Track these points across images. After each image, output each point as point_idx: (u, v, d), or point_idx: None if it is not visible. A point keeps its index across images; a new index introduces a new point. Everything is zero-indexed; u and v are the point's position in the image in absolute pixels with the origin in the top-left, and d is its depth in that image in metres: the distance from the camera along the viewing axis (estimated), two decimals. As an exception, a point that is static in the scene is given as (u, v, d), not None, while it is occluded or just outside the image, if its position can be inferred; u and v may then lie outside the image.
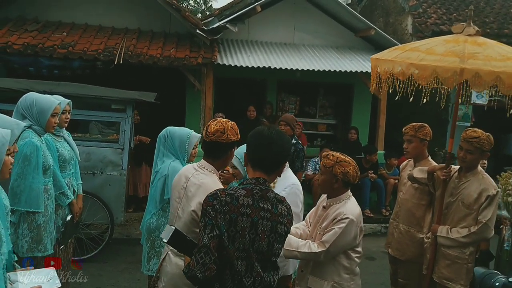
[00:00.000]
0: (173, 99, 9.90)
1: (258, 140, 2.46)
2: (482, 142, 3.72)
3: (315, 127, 11.20)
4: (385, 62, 3.48)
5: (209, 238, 2.22)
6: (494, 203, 3.71)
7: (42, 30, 8.62)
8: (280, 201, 2.42)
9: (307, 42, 10.44)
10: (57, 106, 4.26)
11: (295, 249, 3.20)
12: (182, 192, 3.03)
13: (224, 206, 2.26)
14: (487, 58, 3.17)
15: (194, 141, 4.02)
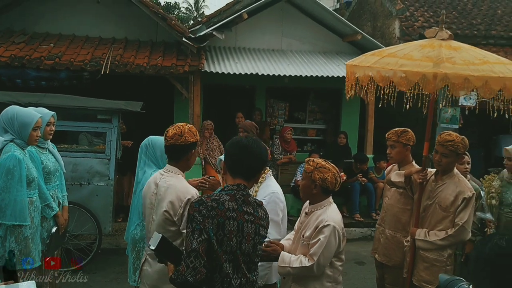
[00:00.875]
0: (162, 108, 9.92)
1: (236, 149, 2.59)
2: (457, 145, 3.75)
3: (305, 133, 11.22)
4: (363, 69, 3.50)
5: (198, 243, 2.29)
6: (470, 205, 3.75)
7: (29, 42, 8.62)
8: (259, 205, 2.56)
9: (294, 48, 10.49)
10: (39, 119, 4.27)
11: (287, 265, 3.22)
12: (153, 198, 3.20)
13: (211, 211, 2.34)
14: (466, 63, 3.21)
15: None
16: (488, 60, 3.31)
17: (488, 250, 1.27)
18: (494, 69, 3.19)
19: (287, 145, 9.57)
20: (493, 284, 1.24)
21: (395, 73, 3.23)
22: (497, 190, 4.88)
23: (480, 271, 1.29)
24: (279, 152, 9.45)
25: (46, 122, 4.60)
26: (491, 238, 1.31)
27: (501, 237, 1.28)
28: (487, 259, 1.27)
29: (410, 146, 4.34)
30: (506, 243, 1.26)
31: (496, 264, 1.24)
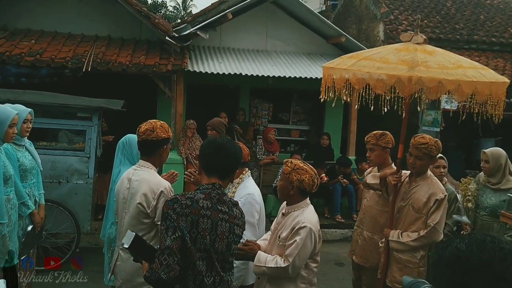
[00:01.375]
0: (145, 106, 9.86)
1: (211, 149, 2.63)
2: (430, 148, 3.79)
3: (288, 133, 11.25)
4: (340, 71, 3.52)
5: (172, 240, 2.32)
6: (442, 206, 3.79)
7: (10, 38, 8.51)
8: (234, 204, 2.60)
9: (279, 49, 10.50)
10: (15, 116, 4.22)
11: (263, 265, 3.22)
12: (126, 192, 3.26)
13: (185, 208, 2.37)
14: (440, 67, 3.25)
15: None
16: (461, 64, 3.36)
17: (448, 254, 1.27)
18: (467, 73, 3.24)
19: (270, 145, 9.58)
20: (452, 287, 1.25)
21: (371, 76, 3.25)
22: (473, 193, 4.93)
23: (441, 274, 1.28)
24: (262, 153, 9.45)
25: (23, 119, 4.54)
26: (452, 242, 1.30)
27: (461, 241, 1.28)
28: (448, 262, 1.27)
29: (389, 148, 4.36)
30: (465, 247, 1.25)
31: (456, 268, 1.24)
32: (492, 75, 3.45)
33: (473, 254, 1.21)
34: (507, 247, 1.23)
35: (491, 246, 1.22)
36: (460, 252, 1.24)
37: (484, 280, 1.17)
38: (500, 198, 4.76)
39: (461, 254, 1.23)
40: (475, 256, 1.21)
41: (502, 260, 1.18)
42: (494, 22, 12.31)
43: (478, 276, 1.18)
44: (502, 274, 1.16)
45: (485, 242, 1.24)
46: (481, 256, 1.20)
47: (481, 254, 1.20)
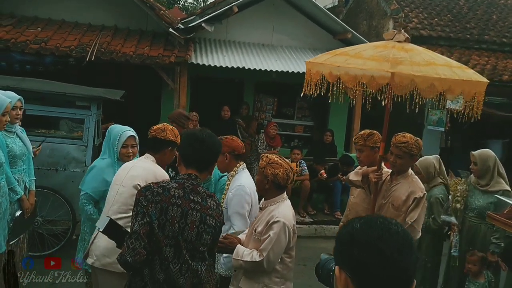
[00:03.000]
0: (150, 97, 9.95)
1: (190, 141, 2.68)
2: (410, 146, 3.78)
3: (292, 129, 11.24)
4: (316, 65, 3.54)
5: (140, 225, 2.40)
6: (420, 205, 3.77)
7: (16, 25, 8.62)
8: (209, 195, 2.62)
9: (285, 44, 10.47)
10: (8, 104, 4.28)
11: (240, 258, 3.26)
12: (124, 174, 3.45)
13: (156, 196, 2.45)
14: (411, 63, 3.23)
15: (122, 140, 4.04)
16: (434, 62, 3.33)
17: (345, 232, 1.39)
18: (437, 71, 3.22)
19: (271, 140, 9.59)
20: (347, 263, 1.36)
21: (342, 70, 3.26)
22: (463, 194, 4.90)
23: (338, 251, 1.40)
24: (263, 147, 9.46)
25: (12, 106, 4.59)
26: (350, 222, 1.41)
27: (358, 221, 1.39)
28: (343, 240, 1.37)
29: (378, 148, 4.34)
30: (359, 226, 1.36)
31: (349, 245, 1.35)
32: (467, 74, 3.41)
33: (363, 233, 1.34)
34: (394, 228, 1.35)
35: (380, 226, 1.34)
36: (354, 231, 1.36)
37: (369, 255, 1.30)
38: (488, 200, 4.74)
39: (354, 232, 1.35)
40: (365, 235, 1.33)
41: (387, 240, 1.31)
42: (507, 22, 12.12)
43: (364, 252, 1.30)
44: (385, 251, 1.29)
45: (376, 223, 1.36)
46: (370, 234, 1.32)
47: (370, 233, 1.33)
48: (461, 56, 10.61)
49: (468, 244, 4.86)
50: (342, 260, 1.39)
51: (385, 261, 1.29)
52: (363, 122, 9.95)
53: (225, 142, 3.94)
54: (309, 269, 6.72)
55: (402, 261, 1.31)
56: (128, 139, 4.06)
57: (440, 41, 11.11)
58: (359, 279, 1.33)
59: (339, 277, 1.38)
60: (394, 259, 1.30)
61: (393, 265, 1.30)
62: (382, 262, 1.29)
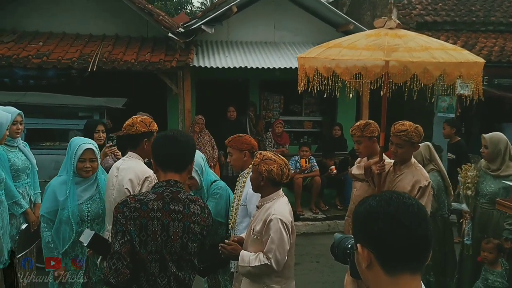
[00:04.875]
0: (156, 103, 9.93)
1: (162, 142, 2.57)
2: (410, 134, 3.67)
3: (301, 125, 11.14)
4: (310, 60, 3.45)
5: (120, 244, 2.30)
6: (426, 194, 3.67)
7: (18, 41, 8.68)
8: (192, 201, 2.50)
9: (287, 40, 10.38)
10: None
11: (247, 265, 3.20)
12: (115, 179, 3.54)
13: (133, 212, 2.34)
14: (406, 49, 3.14)
15: (79, 153, 3.72)
16: (430, 46, 3.23)
17: (362, 209, 1.46)
18: (434, 55, 3.12)
19: (279, 138, 9.52)
20: (365, 239, 1.44)
21: (337, 63, 3.17)
22: (473, 180, 4.77)
23: (357, 228, 1.48)
24: (271, 146, 9.39)
25: (12, 121, 4.60)
26: (366, 200, 1.49)
27: (373, 199, 1.46)
28: (362, 217, 1.46)
29: (376, 137, 4.25)
30: (376, 203, 1.44)
31: (368, 220, 1.43)
32: (463, 56, 3.30)
33: (381, 208, 1.42)
34: (409, 201, 1.44)
35: (395, 201, 1.42)
36: (371, 207, 1.44)
37: (389, 228, 1.38)
38: (499, 185, 4.60)
39: (372, 209, 1.43)
40: (383, 210, 1.41)
41: (404, 211, 1.39)
42: (513, 2, 11.86)
43: (385, 225, 1.39)
44: (403, 222, 1.38)
45: (391, 198, 1.44)
46: (388, 209, 1.40)
47: (387, 207, 1.41)
48: (468, 40, 10.42)
49: (481, 232, 4.73)
50: (363, 237, 1.46)
51: (405, 231, 1.38)
52: (372, 114, 9.82)
53: (244, 140, 3.93)
54: (322, 266, 6.65)
55: (420, 230, 1.39)
56: (85, 153, 3.72)
57: (445, 26, 10.93)
58: (383, 252, 1.41)
59: (361, 254, 1.45)
60: (413, 229, 1.38)
61: (413, 234, 1.38)
62: (403, 233, 1.37)
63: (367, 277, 1.48)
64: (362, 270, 1.49)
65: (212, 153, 8.64)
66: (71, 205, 3.69)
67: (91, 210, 3.80)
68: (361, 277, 1.54)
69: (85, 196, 3.78)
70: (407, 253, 1.39)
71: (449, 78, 3.18)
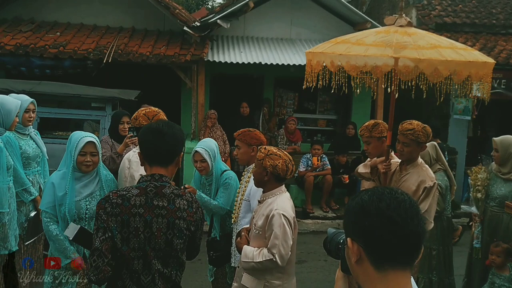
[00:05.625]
0: (170, 97, 9.97)
1: (147, 135, 2.49)
2: (417, 134, 3.61)
3: (315, 123, 11.09)
4: (317, 55, 3.42)
5: (101, 241, 2.25)
6: (431, 194, 3.60)
7: (36, 30, 8.79)
8: (178, 195, 2.42)
9: (304, 37, 10.32)
10: None
11: (251, 260, 3.18)
12: (127, 171, 3.62)
13: (115, 208, 2.28)
14: (415, 47, 3.07)
15: (80, 147, 3.45)
16: (439, 45, 3.16)
17: (354, 204, 1.45)
18: (443, 53, 3.05)
19: (291, 135, 9.47)
20: (356, 233, 1.43)
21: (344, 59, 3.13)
22: (483, 183, 4.69)
23: (348, 222, 1.46)
24: (283, 143, 9.36)
25: (25, 108, 4.65)
26: (359, 194, 1.47)
27: (365, 193, 1.45)
28: (353, 211, 1.44)
29: (385, 137, 4.19)
30: (367, 198, 1.42)
31: (359, 215, 1.41)
32: (473, 55, 3.23)
33: (373, 203, 1.40)
34: (401, 197, 1.42)
35: (388, 196, 1.41)
36: (363, 202, 1.42)
37: (380, 223, 1.37)
38: (510, 188, 4.52)
39: (364, 203, 1.41)
40: (374, 205, 1.39)
41: (396, 208, 1.38)
42: (535, 4, 11.62)
43: (375, 220, 1.37)
44: (394, 218, 1.36)
45: (384, 193, 1.42)
46: (379, 204, 1.39)
47: (379, 203, 1.39)
48: (487, 42, 10.23)
49: (491, 235, 4.65)
50: (353, 231, 1.44)
51: (396, 227, 1.36)
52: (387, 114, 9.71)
53: (254, 135, 3.92)
54: (330, 264, 6.61)
55: (411, 226, 1.37)
56: (86, 146, 3.48)
57: (465, 27, 10.74)
58: (372, 248, 1.39)
59: (351, 248, 1.43)
60: (404, 225, 1.36)
61: (404, 230, 1.37)
62: (393, 229, 1.36)
63: (356, 272, 1.47)
64: (352, 265, 1.48)
65: (223, 148, 8.64)
66: (68, 202, 3.48)
67: (89, 208, 3.56)
68: (351, 271, 1.52)
69: (84, 193, 3.54)
70: (397, 249, 1.38)
71: (457, 77, 3.12)
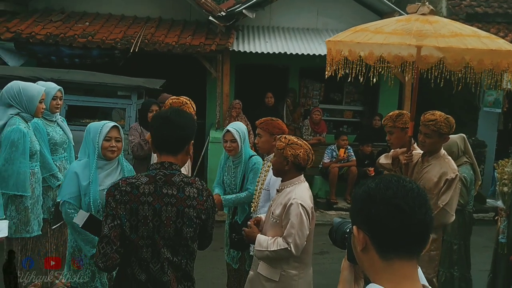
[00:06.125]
0: (195, 87, 10.03)
1: (156, 122, 2.48)
2: (439, 124, 3.54)
3: (341, 114, 10.99)
4: (336, 44, 3.38)
5: (110, 228, 2.26)
6: (452, 187, 3.53)
7: (66, 20, 8.95)
8: (188, 183, 2.39)
9: (330, 27, 10.21)
10: (44, 92, 4.44)
11: (265, 249, 3.19)
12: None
13: (124, 196, 2.29)
14: (436, 36, 3.00)
15: (105, 132, 3.38)
16: (461, 33, 3.08)
17: (361, 192, 1.43)
18: (464, 41, 2.98)
19: (316, 126, 9.42)
20: (362, 221, 1.40)
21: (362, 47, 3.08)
22: (510, 177, 4.56)
23: (354, 210, 1.45)
24: (308, 133, 9.32)
25: (52, 96, 4.75)
26: (365, 183, 1.45)
27: (372, 181, 1.43)
28: (360, 199, 1.42)
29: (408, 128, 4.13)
30: (374, 185, 1.40)
31: (366, 203, 1.39)
32: (497, 44, 3.13)
33: (380, 191, 1.37)
34: (409, 185, 1.38)
35: (395, 184, 1.38)
36: (370, 190, 1.40)
37: (386, 211, 1.34)
38: (537, 182, 4.39)
39: (371, 191, 1.39)
40: (381, 193, 1.36)
41: (403, 196, 1.35)
42: None
43: (382, 208, 1.35)
44: (401, 206, 1.33)
45: (391, 181, 1.39)
46: (386, 192, 1.36)
47: (386, 191, 1.36)
48: (521, 33, 9.93)
49: (517, 230, 4.54)
50: (359, 219, 1.42)
51: (402, 215, 1.33)
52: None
53: (277, 124, 3.90)
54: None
55: (419, 214, 1.34)
56: (110, 131, 3.45)
57: (497, 18, 10.44)
58: (378, 236, 1.37)
59: (357, 236, 1.41)
60: (411, 213, 1.33)
61: (411, 219, 1.34)
62: (400, 217, 1.33)
63: (362, 260, 1.45)
64: (358, 253, 1.46)
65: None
66: (93, 191, 3.39)
67: None
68: (357, 260, 1.50)
69: (107, 182, 3.41)
70: (403, 238, 1.35)
71: (479, 66, 3.03)
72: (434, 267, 3.68)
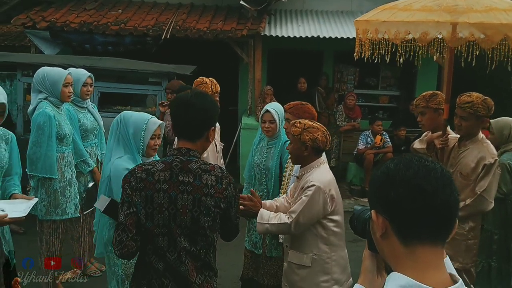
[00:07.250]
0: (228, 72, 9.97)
1: (176, 107, 2.38)
2: (476, 107, 3.34)
3: (376, 99, 10.72)
4: (363, 23, 3.22)
5: (125, 215, 2.22)
6: (491, 172, 3.34)
7: (99, 8, 9.04)
8: (206, 170, 2.27)
9: (366, 9, 9.82)
10: (68, 76, 4.47)
11: (265, 222, 3.13)
12: None
13: (139, 183, 2.22)
14: (466, 10, 2.80)
15: (152, 129, 3.19)
16: (496, 7, 2.85)
17: (379, 173, 1.34)
18: (498, 16, 2.76)
19: (351, 112, 9.20)
20: (381, 204, 1.31)
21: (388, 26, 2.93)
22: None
23: (373, 193, 1.36)
24: (342, 119, 9.12)
25: (83, 82, 4.79)
26: (385, 164, 1.36)
27: (391, 162, 1.34)
28: (378, 181, 1.33)
29: (442, 110, 3.93)
30: (394, 166, 1.31)
31: (385, 185, 1.30)
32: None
33: (399, 171, 1.28)
34: (431, 165, 1.28)
35: (416, 164, 1.28)
36: (389, 171, 1.31)
37: (407, 192, 1.24)
38: None
39: (390, 172, 1.30)
40: (401, 173, 1.27)
41: (425, 176, 1.25)
42: None
43: (402, 190, 1.25)
44: (423, 186, 1.23)
45: (412, 161, 1.30)
46: (406, 172, 1.26)
47: (406, 171, 1.27)
48: None
49: None
50: (378, 203, 1.33)
51: (424, 196, 1.23)
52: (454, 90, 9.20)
53: (307, 108, 3.81)
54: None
55: (443, 195, 1.24)
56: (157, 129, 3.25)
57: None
58: (398, 220, 1.27)
59: (376, 221, 1.32)
60: (433, 195, 1.23)
61: (433, 200, 1.23)
62: (421, 198, 1.23)
63: (382, 247, 1.35)
64: (377, 240, 1.36)
65: (280, 124, 8.56)
66: None
67: None
68: (376, 247, 1.40)
69: None
70: (426, 222, 1.24)
71: (512, 43, 2.82)
72: (472, 257, 3.51)
